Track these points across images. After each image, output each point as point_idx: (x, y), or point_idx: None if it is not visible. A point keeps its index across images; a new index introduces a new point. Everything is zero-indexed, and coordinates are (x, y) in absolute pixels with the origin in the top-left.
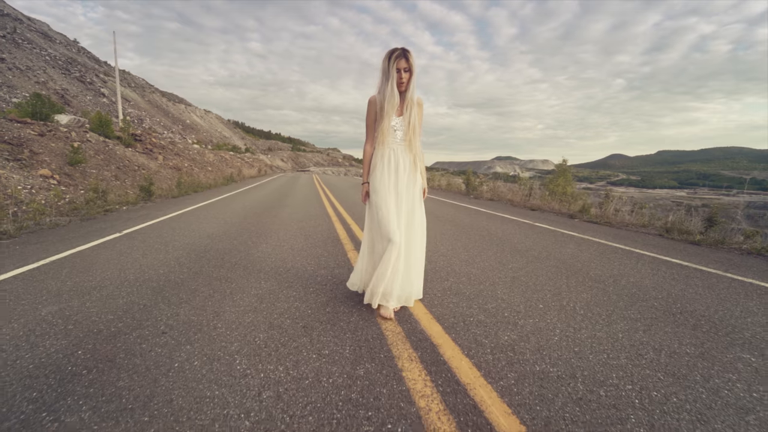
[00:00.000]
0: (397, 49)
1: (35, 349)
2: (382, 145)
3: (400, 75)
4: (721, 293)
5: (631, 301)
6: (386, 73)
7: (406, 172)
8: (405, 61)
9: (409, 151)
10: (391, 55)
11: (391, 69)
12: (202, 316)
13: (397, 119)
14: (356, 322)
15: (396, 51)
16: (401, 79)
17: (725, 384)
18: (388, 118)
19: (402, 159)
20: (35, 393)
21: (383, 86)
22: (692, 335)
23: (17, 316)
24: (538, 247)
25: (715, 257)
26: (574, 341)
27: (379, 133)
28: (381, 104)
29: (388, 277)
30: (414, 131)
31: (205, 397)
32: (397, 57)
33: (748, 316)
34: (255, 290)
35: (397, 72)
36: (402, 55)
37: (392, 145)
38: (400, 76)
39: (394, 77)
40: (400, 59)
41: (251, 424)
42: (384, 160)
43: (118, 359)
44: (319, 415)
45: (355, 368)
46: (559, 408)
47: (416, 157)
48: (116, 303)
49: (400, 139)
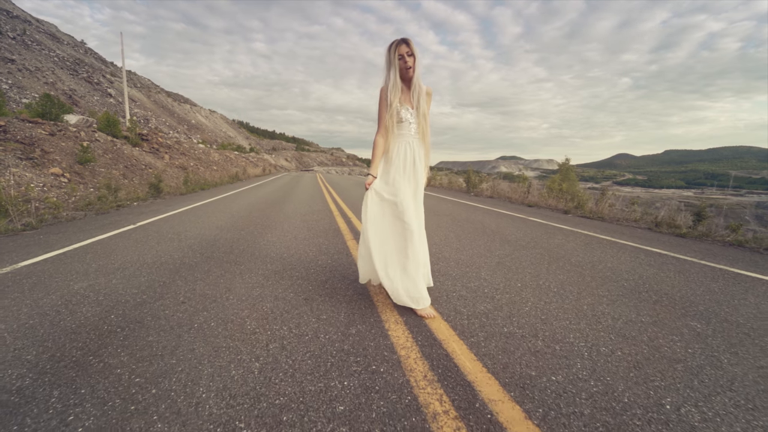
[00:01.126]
0: (396, 39)
1: (74, 314)
2: (397, 138)
3: (404, 60)
4: (690, 277)
5: (603, 282)
6: (389, 64)
7: (422, 165)
8: (406, 45)
9: (423, 144)
10: (392, 45)
11: (393, 58)
12: (216, 290)
13: (410, 111)
14: (351, 295)
15: (395, 40)
16: (406, 64)
17: (667, 343)
18: (396, 110)
19: (417, 152)
20: (80, 344)
21: (387, 78)
22: (651, 308)
23: (53, 290)
24: (527, 238)
25: (696, 248)
26: (542, 311)
27: (391, 126)
28: (386, 95)
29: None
30: (426, 122)
31: (221, 347)
32: (398, 44)
33: (708, 294)
34: (262, 271)
35: (399, 59)
36: (402, 42)
37: (407, 138)
38: (404, 61)
39: (396, 66)
40: (401, 45)
41: (260, 365)
42: (400, 154)
43: (146, 321)
44: (316, 360)
45: (348, 328)
46: (518, 357)
47: (428, 149)
48: (138, 280)
49: (414, 131)
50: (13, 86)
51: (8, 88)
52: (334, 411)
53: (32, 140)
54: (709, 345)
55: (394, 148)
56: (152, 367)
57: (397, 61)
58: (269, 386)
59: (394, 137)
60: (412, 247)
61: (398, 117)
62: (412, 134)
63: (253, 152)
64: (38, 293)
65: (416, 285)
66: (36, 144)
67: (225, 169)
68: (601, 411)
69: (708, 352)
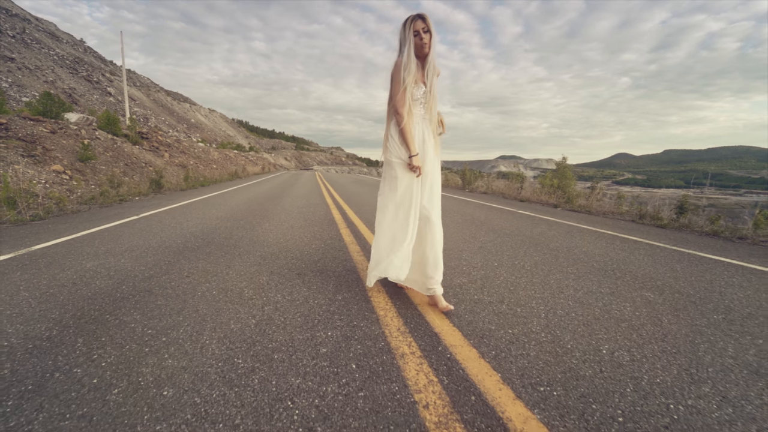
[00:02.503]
0: (411, 15)
1: (89, 285)
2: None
3: (420, 37)
4: (657, 259)
5: (574, 262)
6: (403, 41)
7: (432, 149)
8: (422, 21)
9: (431, 124)
10: (407, 20)
11: (408, 34)
12: (217, 267)
13: (422, 89)
14: (341, 272)
15: (411, 16)
16: (422, 40)
17: (618, 308)
18: (408, 88)
19: (427, 134)
20: (97, 306)
21: (401, 55)
22: (612, 282)
23: (67, 267)
24: (512, 227)
25: (673, 236)
26: (512, 284)
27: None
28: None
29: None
30: (435, 102)
31: (222, 308)
32: (413, 20)
33: (669, 272)
34: (259, 252)
35: (415, 35)
36: (417, 17)
37: (416, 118)
38: (419, 38)
39: (411, 42)
40: (416, 21)
41: (256, 321)
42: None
43: (154, 290)
44: (305, 318)
45: (335, 295)
46: (482, 317)
47: (434, 126)
48: (145, 260)
49: (424, 111)
50: (13, 84)
51: (8, 86)
52: (318, 352)
53: (34, 138)
54: (656, 309)
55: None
56: (162, 323)
57: (413, 37)
58: (263, 335)
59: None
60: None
61: (411, 96)
62: (422, 114)
63: (252, 151)
64: (54, 270)
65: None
66: (37, 141)
67: (224, 167)
68: (545, 353)
69: (653, 315)
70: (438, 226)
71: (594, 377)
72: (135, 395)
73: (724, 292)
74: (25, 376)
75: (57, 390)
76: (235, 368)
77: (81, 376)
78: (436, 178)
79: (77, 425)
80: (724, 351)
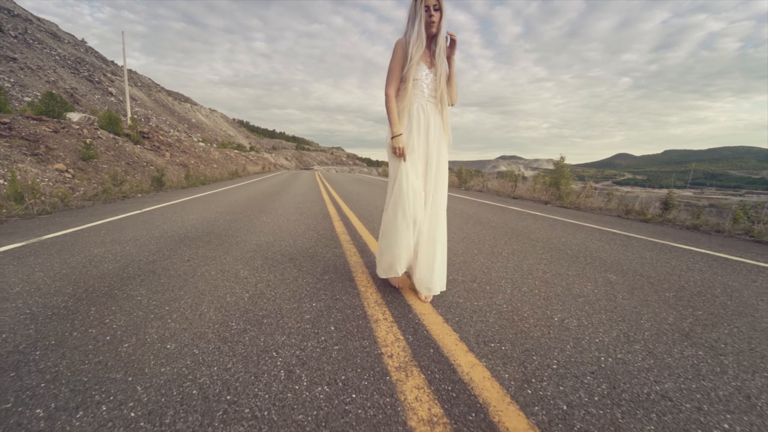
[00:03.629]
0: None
1: (98, 267)
2: (409, 100)
3: (430, 13)
4: (630, 248)
5: (549, 250)
6: (413, 16)
7: (436, 132)
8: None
9: (438, 108)
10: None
11: (419, 8)
12: (215, 252)
13: (426, 70)
14: (330, 257)
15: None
16: (431, 18)
17: (578, 286)
18: (414, 67)
19: (432, 117)
20: (107, 284)
21: (409, 30)
22: (581, 267)
23: (77, 252)
24: (499, 221)
25: (652, 229)
26: (486, 267)
27: (404, 85)
28: (405, 50)
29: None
30: (451, 84)
31: (219, 285)
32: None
33: (637, 259)
34: (255, 241)
35: (425, 11)
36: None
37: (420, 99)
38: (429, 14)
39: (422, 17)
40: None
41: (249, 295)
42: (412, 118)
43: (158, 271)
44: (293, 292)
45: (323, 276)
46: (453, 293)
47: (445, 111)
48: (149, 247)
49: (428, 93)
50: (15, 84)
51: (10, 86)
52: (303, 317)
53: (36, 137)
54: (614, 288)
55: (405, 110)
56: (165, 296)
57: (423, 12)
58: (255, 305)
59: (401, 97)
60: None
61: (413, 76)
62: (426, 96)
63: (253, 151)
64: (65, 255)
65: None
66: (40, 141)
67: (225, 167)
68: (502, 320)
69: (609, 292)
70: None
71: (541, 338)
72: (142, 348)
73: (682, 275)
74: (48, 334)
75: (76, 344)
76: (229, 329)
77: (96, 335)
78: (442, 165)
79: (95, 368)
80: (665, 320)
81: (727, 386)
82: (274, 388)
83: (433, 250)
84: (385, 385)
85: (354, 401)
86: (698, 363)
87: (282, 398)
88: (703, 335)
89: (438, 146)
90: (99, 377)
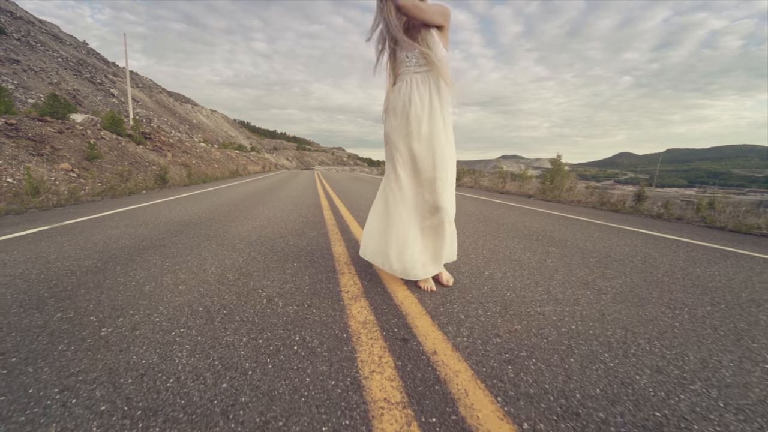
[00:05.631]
0: None
1: (116, 243)
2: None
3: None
4: (586, 232)
5: (508, 231)
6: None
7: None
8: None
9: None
10: None
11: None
12: (216, 233)
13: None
14: (314, 236)
15: None
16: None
17: (519, 254)
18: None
19: (417, 90)
20: (126, 253)
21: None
22: (528, 242)
23: (96, 233)
24: (478, 212)
25: (622, 218)
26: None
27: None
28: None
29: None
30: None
31: (219, 254)
32: None
33: (584, 237)
34: (251, 224)
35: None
36: None
37: (405, 76)
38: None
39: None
40: None
41: (243, 259)
42: (398, 98)
43: (167, 245)
44: (279, 257)
45: (306, 247)
46: None
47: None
48: (158, 229)
49: (414, 65)
50: (18, 86)
51: (14, 88)
52: (285, 272)
53: (42, 138)
54: (549, 256)
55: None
56: (175, 260)
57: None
58: (248, 265)
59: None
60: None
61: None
62: (412, 70)
63: (254, 151)
64: (87, 235)
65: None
66: (46, 141)
67: (226, 167)
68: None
69: (542, 258)
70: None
71: (467, 284)
72: (160, 288)
73: (615, 248)
74: (87, 282)
75: (109, 286)
76: (226, 278)
77: (123, 281)
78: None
79: (127, 299)
80: (574, 274)
81: (592, 308)
82: (258, 307)
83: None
84: (338, 305)
85: (314, 314)
86: (580, 298)
87: (262, 312)
88: (598, 283)
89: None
90: (131, 302)
